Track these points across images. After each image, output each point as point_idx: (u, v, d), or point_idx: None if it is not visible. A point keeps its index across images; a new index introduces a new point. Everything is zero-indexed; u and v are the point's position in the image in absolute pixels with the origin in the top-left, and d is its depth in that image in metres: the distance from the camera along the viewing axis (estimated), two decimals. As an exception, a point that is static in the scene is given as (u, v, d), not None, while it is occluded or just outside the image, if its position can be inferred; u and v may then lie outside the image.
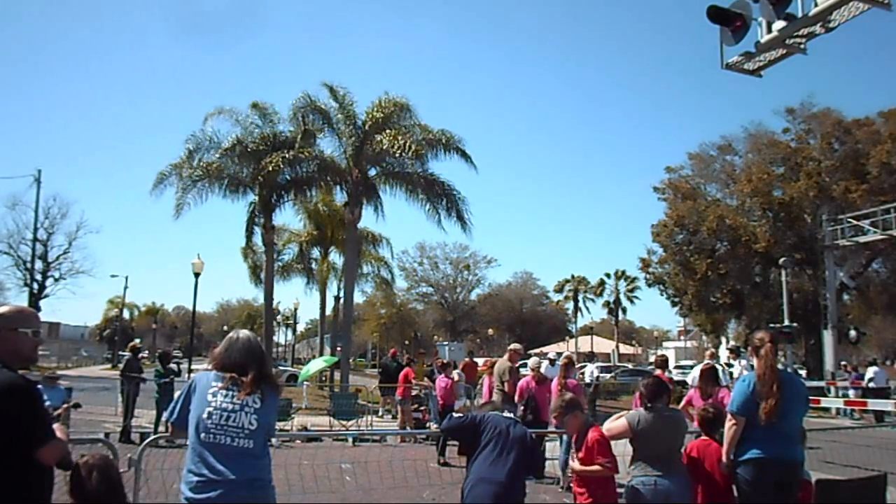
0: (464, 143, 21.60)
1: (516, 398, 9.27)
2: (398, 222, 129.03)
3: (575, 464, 4.67)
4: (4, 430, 2.61)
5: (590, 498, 4.46)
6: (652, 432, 4.36)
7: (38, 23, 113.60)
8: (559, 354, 16.14)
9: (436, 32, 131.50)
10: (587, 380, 22.06)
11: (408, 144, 20.36)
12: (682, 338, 71.93)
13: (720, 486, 4.47)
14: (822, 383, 22.88)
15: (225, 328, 72.68)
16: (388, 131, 20.88)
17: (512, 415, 4.45)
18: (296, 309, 52.10)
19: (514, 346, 11.49)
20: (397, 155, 20.63)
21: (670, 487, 4.19)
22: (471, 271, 60.88)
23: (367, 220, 24.02)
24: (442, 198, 22.00)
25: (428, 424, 14.18)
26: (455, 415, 4.80)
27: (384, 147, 20.62)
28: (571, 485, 4.95)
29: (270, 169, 20.60)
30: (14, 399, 2.67)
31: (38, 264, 38.48)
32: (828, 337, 26.47)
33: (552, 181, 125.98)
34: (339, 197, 25.53)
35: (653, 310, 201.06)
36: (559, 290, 64.85)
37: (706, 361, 10.35)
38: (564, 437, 6.79)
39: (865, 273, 32.89)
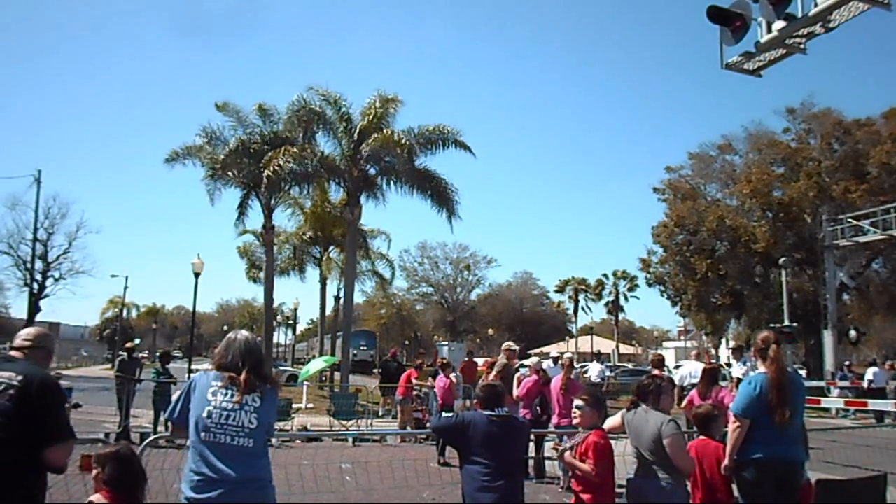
0: (461, 134, 21.76)
1: (517, 393, 9.21)
2: (399, 222, 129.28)
3: (569, 455, 4.63)
4: (27, 420, 2.68)
5: (589, 496, 4.43)
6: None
7: (38, 23, 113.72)
8: (562, 354, 15.99)
9: (437, 32, 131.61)
10: (595, 379, 22.03)
11: (404, 143, 20.40)
12: (682, 338, 71.82)
13: (719, 486, 4.47)
14: (822, 383, 22.89)
15: (225, 328, 72.69)
16: (384, 131, 20.91)
17: (504, 411, 4.35)
18: (296, 309, 52.12)
19: (507, 344, 10.95)
20: (394, 153, 20.68)
21: (669, 487, 4.16)
22: (471, 271, 60.92)
23: (367, 216, 24.09)
24: (434, 193, 22.05)
25: (428, 424, 14.15)
26: (444, 414, 4.77)
27: (381, 146, 20.68)
28: (570, 484, 4.91)
29: (270, 168, 20.58)
30: (46, 393, 2.81)
31: (38, 264, 38.29)
32: (828, 337, 26.46)
33: (552, 181, 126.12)
34: (338, 195, 25.59)
35: (653, 310, 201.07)
36: (559, 290, 64.78)
37: (704, 362, 10.36)
38: (565, 437, 6.77)
39: (865, 273, 32.86)
